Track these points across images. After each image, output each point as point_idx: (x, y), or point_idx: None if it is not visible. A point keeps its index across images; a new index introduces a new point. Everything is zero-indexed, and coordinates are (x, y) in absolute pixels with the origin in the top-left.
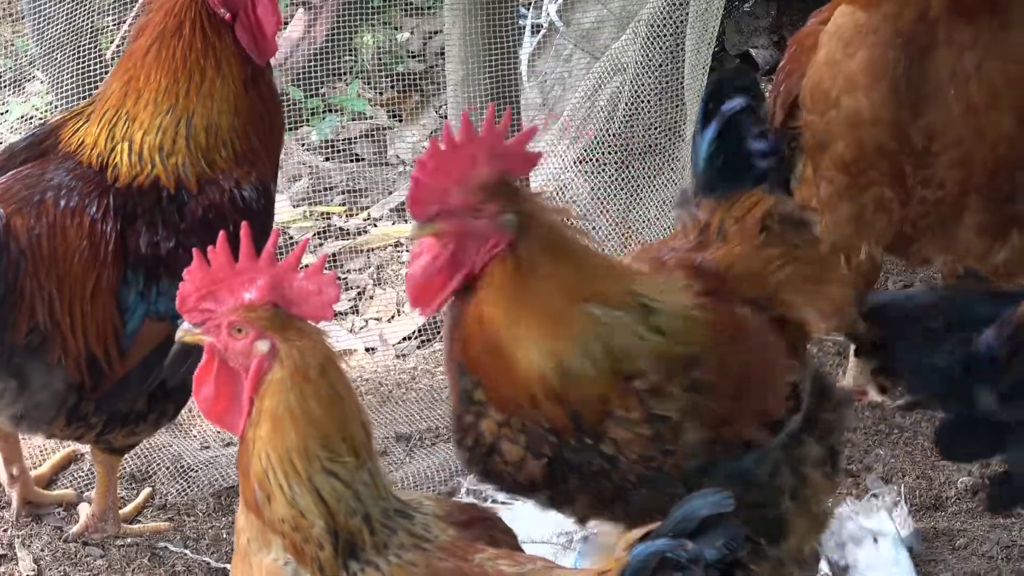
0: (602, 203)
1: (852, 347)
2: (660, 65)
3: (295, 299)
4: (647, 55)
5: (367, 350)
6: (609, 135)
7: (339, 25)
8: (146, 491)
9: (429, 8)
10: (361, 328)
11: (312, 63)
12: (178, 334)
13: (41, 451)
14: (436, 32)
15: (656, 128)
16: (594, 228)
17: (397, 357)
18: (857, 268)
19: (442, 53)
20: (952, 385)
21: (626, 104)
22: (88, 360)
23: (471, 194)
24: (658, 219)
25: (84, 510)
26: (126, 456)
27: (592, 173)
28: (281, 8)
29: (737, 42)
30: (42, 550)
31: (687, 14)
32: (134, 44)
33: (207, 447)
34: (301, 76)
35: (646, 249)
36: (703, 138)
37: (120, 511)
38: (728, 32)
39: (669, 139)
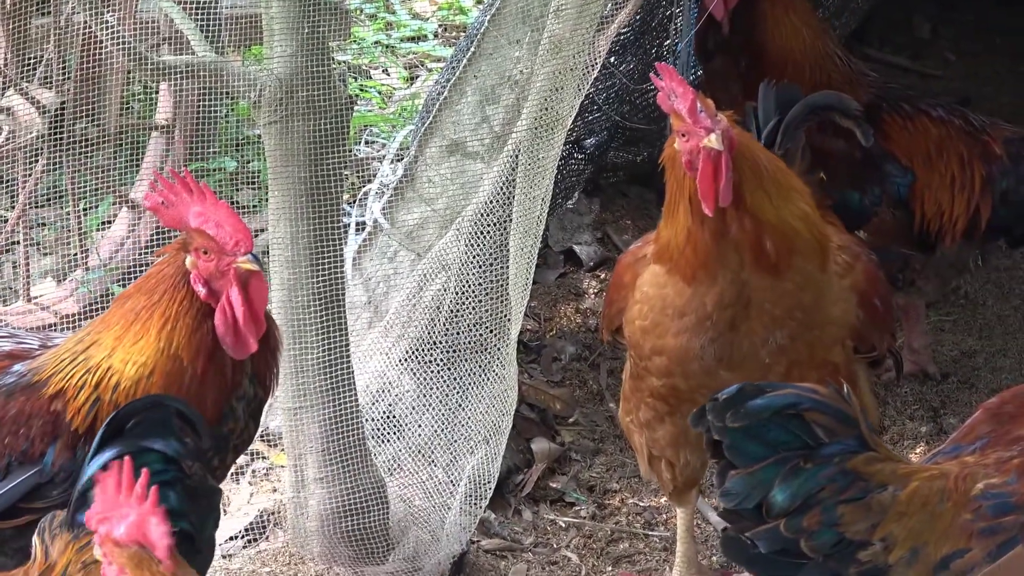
0: (428, 401)
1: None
2: (485, 262)
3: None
4: (472, 252)
5: None
6: (434, 332)
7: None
8: None
9: (254, 207)
10: None
11: (137, 263)
12: None
13: None
14: (261, 230)
15: (482, 325)
16: (419, 427)
17: (223, 557)
18: (681, 473)
19: (267, 251)
20: None
21: (451, 301)
22: None
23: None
24: (487, 414)
25: None
26: None
27: (418, 371)
28: (105, 206)
29: (561, 239)
30: None
31: (511, 212)
32: None
33: None
34: (126, 276)
35: None
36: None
37: None
38: (552, 229)
39: (496, 335)
